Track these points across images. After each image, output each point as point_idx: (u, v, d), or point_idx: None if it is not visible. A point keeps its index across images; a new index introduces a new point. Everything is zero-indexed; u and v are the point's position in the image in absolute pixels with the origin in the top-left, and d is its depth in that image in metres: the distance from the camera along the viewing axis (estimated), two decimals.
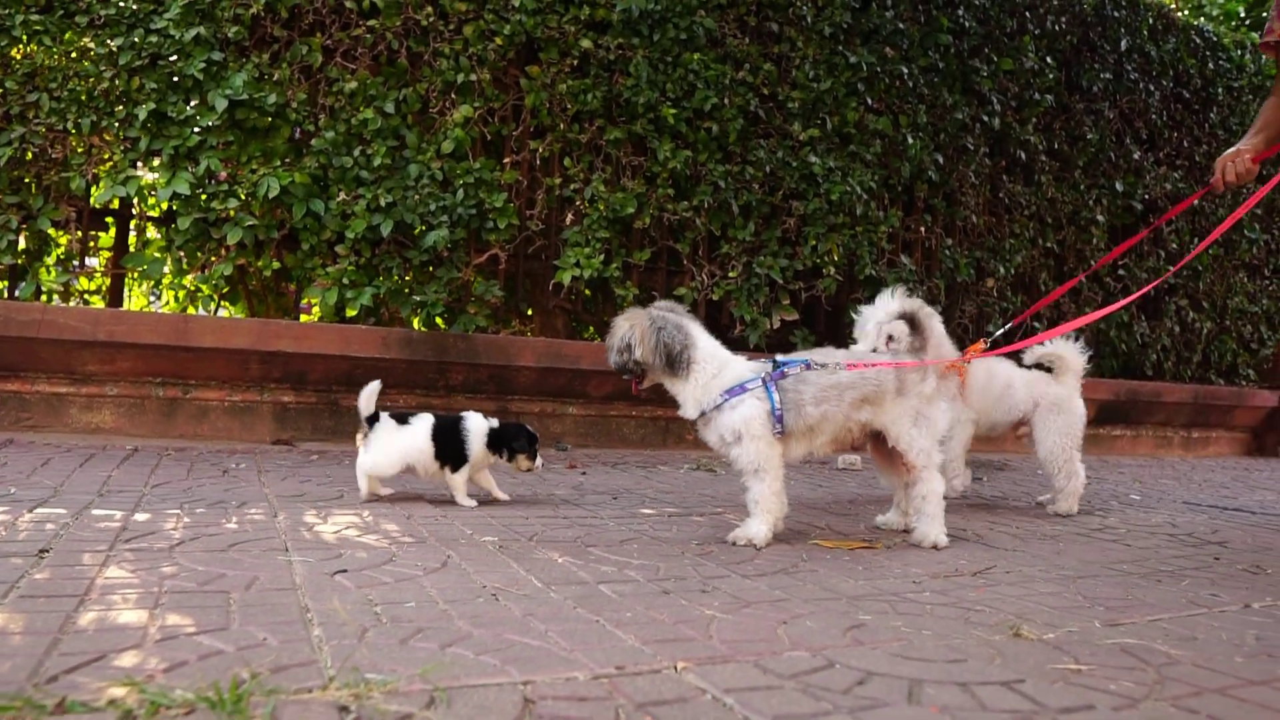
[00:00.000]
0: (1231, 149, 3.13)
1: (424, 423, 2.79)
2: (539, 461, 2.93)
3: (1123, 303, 3.23)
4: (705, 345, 2.44)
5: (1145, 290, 3.50)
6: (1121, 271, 6.93)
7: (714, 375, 2.40)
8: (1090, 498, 3.96)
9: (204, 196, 4.21)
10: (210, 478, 3.04)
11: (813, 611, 1.67)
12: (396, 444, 2.76)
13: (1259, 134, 3.11)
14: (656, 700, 1.16)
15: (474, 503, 2.82)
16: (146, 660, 1.21)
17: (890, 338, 2.75)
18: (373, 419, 2.77)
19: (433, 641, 1.36)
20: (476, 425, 2.83)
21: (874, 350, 2.68)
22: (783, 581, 1.93)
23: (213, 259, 4.31)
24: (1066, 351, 3.51)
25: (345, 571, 1.81)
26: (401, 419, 2.80)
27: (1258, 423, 7.81)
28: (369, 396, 2.75)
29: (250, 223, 4.21)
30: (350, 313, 4.47)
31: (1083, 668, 1.40)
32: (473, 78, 4.64)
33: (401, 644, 1.35)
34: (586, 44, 4.82)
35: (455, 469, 2.80)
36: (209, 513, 2.37)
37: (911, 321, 2.55)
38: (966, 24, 6.13)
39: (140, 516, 2.26)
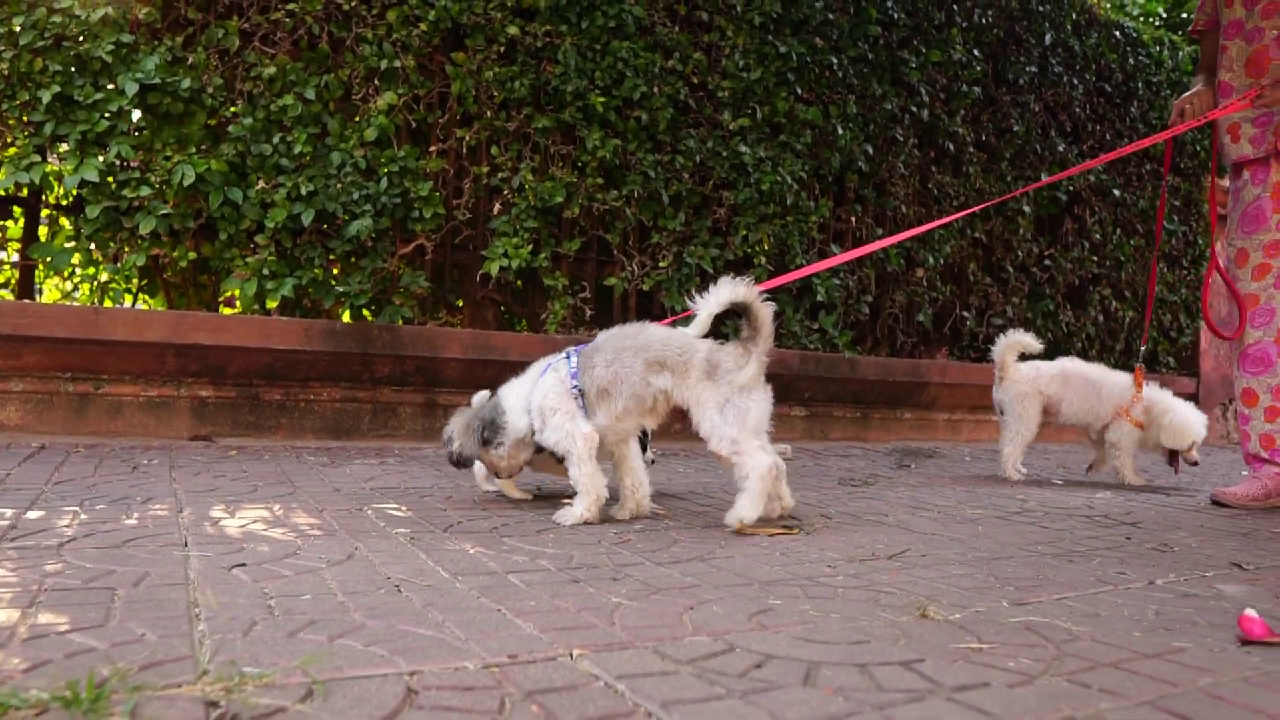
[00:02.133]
0: (1190, 91, 3.56)
1: None
2: (648, 455, 2.85)
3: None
4: (509, 388, 2.66)
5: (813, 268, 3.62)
6: (1048, 262, 7.06)
7: (521, 383, 2.63)
8: (1013, 482, 4.04)
9: (114, 184, 4.06)
10: (118, 474, 2.93)
11: (722, 597, 1.65)
12: None
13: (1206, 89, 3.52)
14: (546, 688, 1.13)
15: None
16: (7, 661, 1.15)
17: None
18: None
19: (323, 634, 1.32)
20: None
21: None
22: (697, 568, 1.91)
23: (125, 249, 4.16)
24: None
25: (244, 565, 1.74)
26: None
27: None
28: None
29: (164, 211, 4.07)
30: (271, 304, 4.36)
31: (984, 646, 1.40)
32: (397, 64, 4.55)
33: (289, 637, 1.30)
34: (513, 30, 4.75)
35: None
36: (109, 509, 2.28)
37: (744, 310, 2.45)
38: (895, 16, 6.18)
39: (33, 514, 2.16)
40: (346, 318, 4.80)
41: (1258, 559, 2.31)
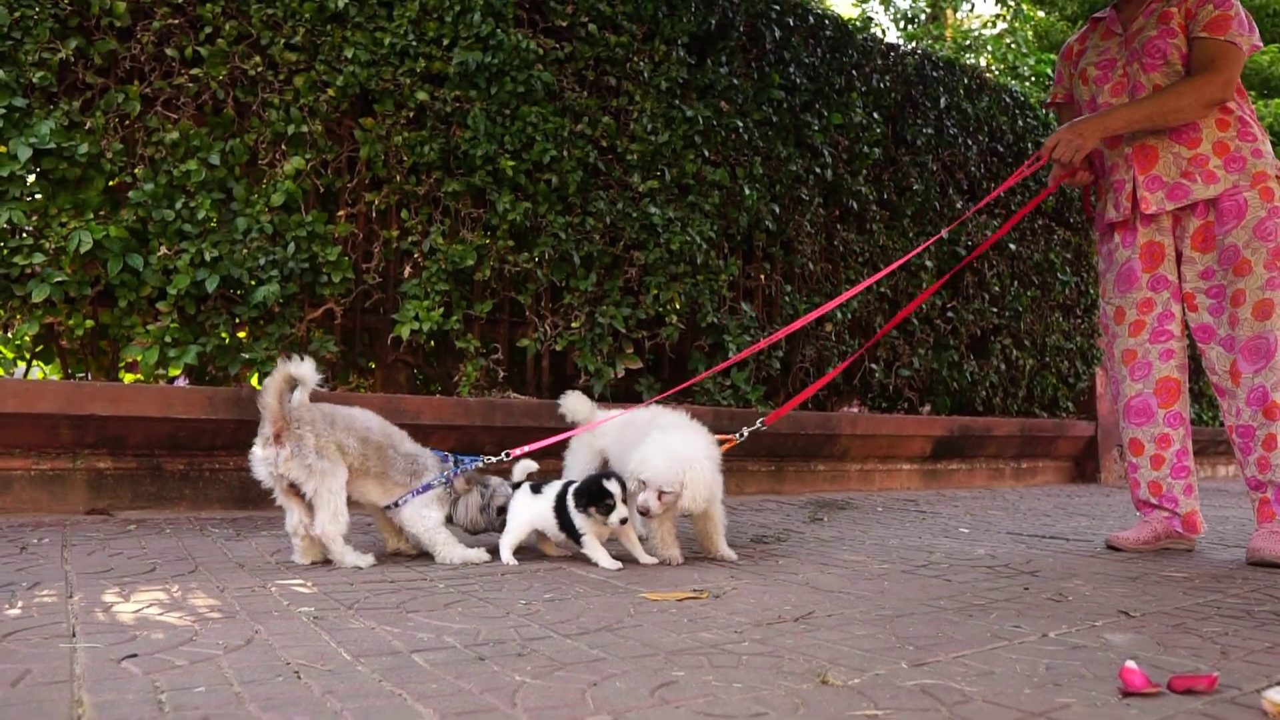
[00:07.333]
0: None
1: (551, 490, 2.89)
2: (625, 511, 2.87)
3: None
4: None
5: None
6: (950, 314, 7.32)
7: None
8: (923, 532, 4.12)
9: (5, 250, 3.94)
10: (4, 556, 2.80)
11: (626, 670, 1.66)
12: (526, 513, 2.91)
13: None
14: None
15: (618, 564, 2.83)
16: None
17: None
18: (517, 487, 2.98)
19: None
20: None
21: None
22: (604, 639, 1.91)
23: (17, 317, 4.03)
24: None
25: (135, 656, 1.69)
26: (536, 488, 2.92)
27: (1078, 451, 8.35)
28: (520, 470, 3.09)
29: (60, 279, 3.96)
30: (173, 372, 4.25)
31: (880, 712, 1.43)
32: (304, 129, 4.53)
33: None
34: (423, 96, 4.78)
35: (576, 536, 2.86)
36: None
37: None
38: (798, 80, 6.41)
39: None
40: (255, 383, 4.70)
41: (1144, 605, 2.41)
